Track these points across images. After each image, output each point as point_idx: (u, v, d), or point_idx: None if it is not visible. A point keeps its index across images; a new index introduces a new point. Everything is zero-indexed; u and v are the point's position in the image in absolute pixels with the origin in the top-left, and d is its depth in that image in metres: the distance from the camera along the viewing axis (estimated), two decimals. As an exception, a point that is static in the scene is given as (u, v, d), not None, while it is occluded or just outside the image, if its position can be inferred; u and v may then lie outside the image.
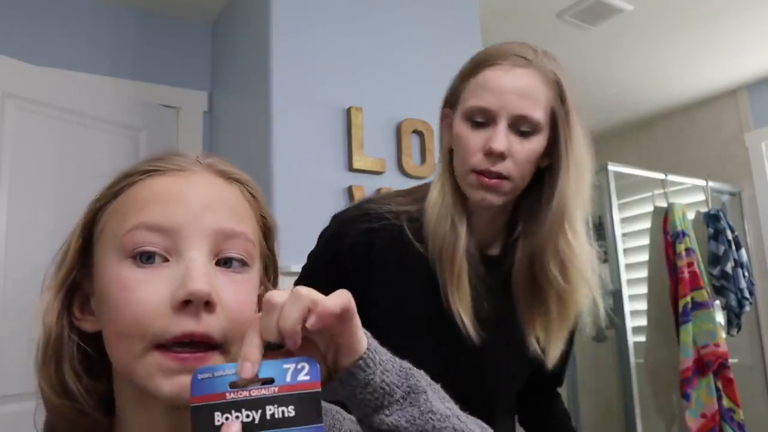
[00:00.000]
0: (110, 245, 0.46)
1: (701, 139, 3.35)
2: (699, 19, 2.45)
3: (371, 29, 1.89)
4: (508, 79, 0.79)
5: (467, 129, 0.81)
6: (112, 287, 0.44)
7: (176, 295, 0.42)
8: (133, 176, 0.48)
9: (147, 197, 0.46)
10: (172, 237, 0.44)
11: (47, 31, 2.03)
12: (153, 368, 0.42)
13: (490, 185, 0.80)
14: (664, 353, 2.39)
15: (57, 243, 1.88)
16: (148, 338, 0.42)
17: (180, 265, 0.44)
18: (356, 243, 0.85)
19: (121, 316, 0.43)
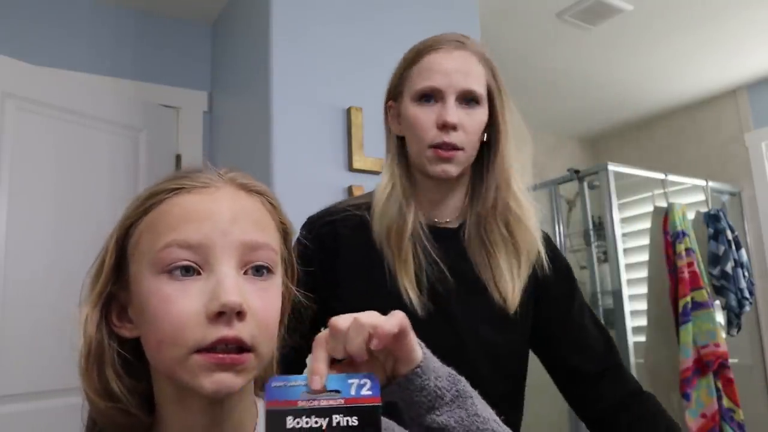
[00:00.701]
0: (145, 260, 0.49)
1: (701, 139, 3.36)
2: (699, 19, 2.45)
3: (371, 29, 1.89)
4: (451, 60, 0.88)
5: (418, 109, 0.88)
6: (151, 300, 0.48)
7: (211, 307, 0.46)
8: (161, 194, 0.51)
9: (177, 215, 0.49)
10: (203, 252, 0.48)
11: (47, 31, 2.03)
12: (195, 369, 0.47)
13: (448, 156, 0.86)
14: (664, 353, 2.39)
15: (57, 243, 1.88)
16: (189, 345, 0.46)
17: (212, 278, 0.48)
18: (321, 234, 0.90)
19: (161, 326, 0.47)
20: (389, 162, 0.94)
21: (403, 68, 0.93)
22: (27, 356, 1.70)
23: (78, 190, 1.89)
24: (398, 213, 0.88)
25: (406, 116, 0.90)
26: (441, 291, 0.86)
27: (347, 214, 0.91)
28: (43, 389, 1.72)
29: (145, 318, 0.49)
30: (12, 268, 1.70)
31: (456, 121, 0.86)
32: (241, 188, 0.54)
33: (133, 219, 0.52)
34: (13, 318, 1.68)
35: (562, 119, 3.57)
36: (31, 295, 1.73)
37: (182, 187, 0.51)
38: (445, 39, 0.91)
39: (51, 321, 1.76)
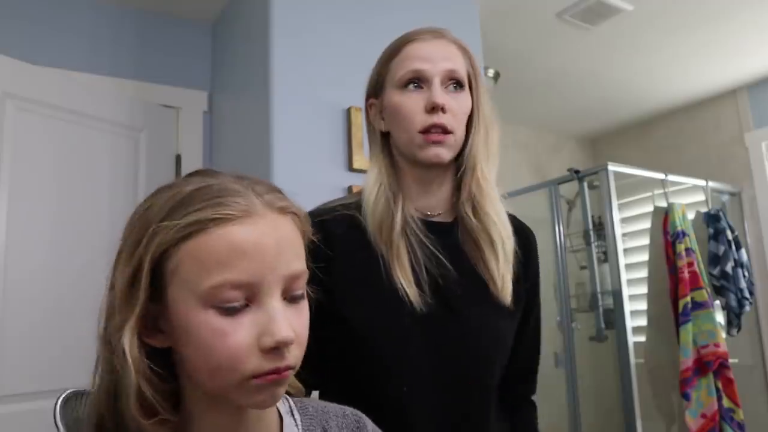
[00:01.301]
0: (189, 291, 0.50)
1: (701, 139, 3.36)
2: (699, 19, 2.45)
3: (371, 29, 1.89)
4: (431, 47, 0.89)
5: (404, 96, 0.87)
6: (201, 332, 0.49)
7: (266, 342, 0.49)
8: (204, 222, 0.50)
9: (227, 251, 0.49)
10: (253, 288, 0.50)
11: (47, 31, 2.03)
12: (252, 391, 0.50)
13: (439, 140, 0.85)
14: (664, 353, 2.39)
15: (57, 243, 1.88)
16: (245, 374, 0.49)
17: (261, 312, 0.50)
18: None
19: (216, 358, 0.49)
20: (375, 159, 0.94)
21: (382, 63, 0.93)
22: (27, 356, 1.70)
23: (78, 190, 1.89)
24: (386, 208, 0.87)
25: (390, 107, 0.89)
26: (444, 284, 0.85)
27: (338, 214, 0.90)
28: (43, 389, 1.72)
29: (191, 346, 0.51)
30: (12, 268, 1.70)
31: (444, 103, 0.85)
32: (279, 212, 0.54)
33: (172, 243, 0.50)
34: (13, 318, 1.68)
35: (562, 119, 3.57)
36: (31, 295, 1.73)
37: (226, 218, 0.50)
38: (422, 30, 0.92)
39: (51, 321, 1.76)
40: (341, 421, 0.65)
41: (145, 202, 0.55)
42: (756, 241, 3.05)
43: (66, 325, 1.78)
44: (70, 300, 1.81)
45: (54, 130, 1.85)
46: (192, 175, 0.57)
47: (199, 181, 0.53)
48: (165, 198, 0.52)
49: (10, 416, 1.64)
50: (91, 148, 1.94)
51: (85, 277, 1.86)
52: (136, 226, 0.53)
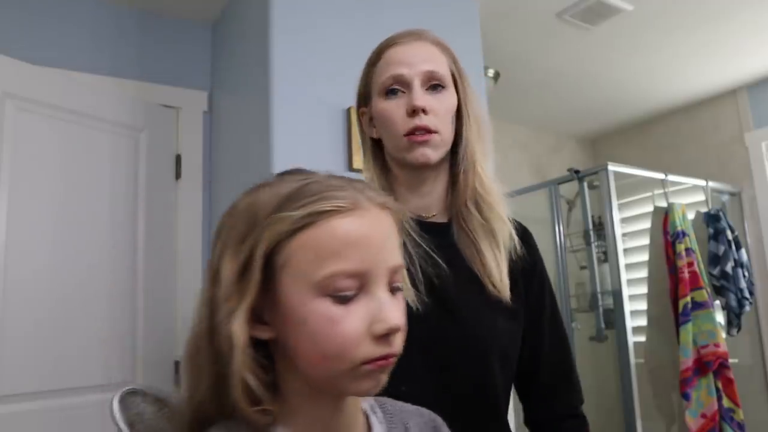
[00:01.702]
0: (303, 281, 0.52)
1: (701, 139, 3.36)
2: (699, 19, 2.45)
3: (371, 29, 1.89)
4: (410, 49, 0.89)
5: (387, 102, 0.89)
6: (315, 320, 0.52)
7: (378, 329, 0.52)
8: (315, 215, 0.52)
9: (339, 242, 0.52)
10: (363, 278, 0.52)
11: (47, 30, 2.03)
12: (360, 377, 0.52)
13: (422, 140, 0.86)
14: (664, 353, 2.39)
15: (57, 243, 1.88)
16: (356, 361, 0.51)
17: (371, 301, 0.52)
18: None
19: (328, 345, 0.51)
20: (366, 166, 0.95)
21: (366, 71, 0.94)
22: (27, 356, 1.70)
23: (78, 189, 1.89)
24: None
25: (377, 114, 0.90)
26: (439, 284, 0.85)
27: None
28: (43, 389, 1.72)
29: (304, 333, 0.52)
30: (12, 268, 1.70)
31: (424, 105, 0.86)
32: (381, 207, 0.56)
33: (285, 236, 0.53)
34: (14, 317, 1.68)
35: (562, 119, 3.57)
36: (31, 295, 1.73)
37: (337, 210, 0.53)
38: (401, 34, 0.92)
39: (51, 321, 1.76)
40: (419, 420, 0.66)
41: (245, 197, 0.57)
42: (756, 241, 3.05)
43: (66, 324, 1.78)
44: (70, 300, 1.81)
45: (54, 130, 1.85)
46: (287, 173, 0.60)
47: (300, 178, 0.56)
48: (270, 193, 0.54)
49: (10, 416, 1.64)
50: (91, 148, 1.94)
51: (86, 276, 1.86)
52: (241, 220, 0.55)
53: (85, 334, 1.82)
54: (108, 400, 0.65)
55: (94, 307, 1.86)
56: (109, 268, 1.92)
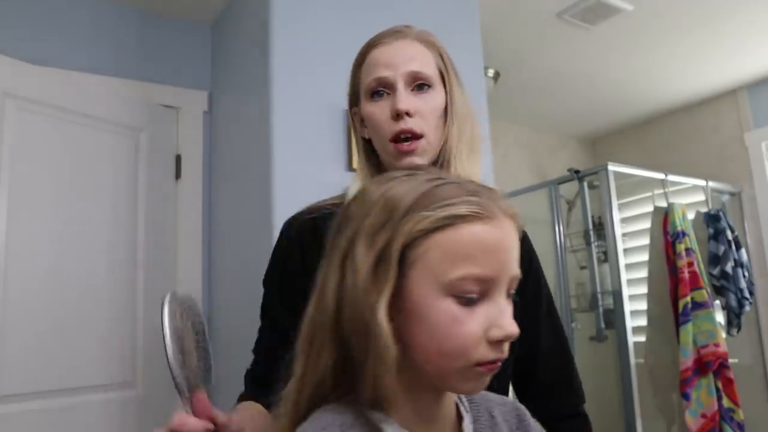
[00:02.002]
0: (433, 279, 0.54)
1: (701, 139, 3.36)
2: (699, 19, 2.45)
3: (372, 29, 1.88)
4: (394, 49, 0.88)
5: (373, 105, 0.87)
6: (439, 317, 0.54)
7: (495, 334, 0.54)
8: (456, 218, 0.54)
9: (474, 247, 0.54)
10: (489, 284, 0.54)
11: (47, 30, 2.03)
12: (469, 377, 0.55)
13: (409, 149, 0.85)
14: (664, 353, 2.39)
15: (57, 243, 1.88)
16: (470, 361, 0.54)
17: (492, 306, 0.54)
18: (303, 227, 0.90)
19: (447, 343, 0.54)
20: (360, 166, 0.94)
21: (354, 71, 0.93)
22: (27, 356, 1.70)
23: (78, 190, 1.89)
24: None
25: (365, 117, 0.90)
26: None
27: (327, 212, 0.88)
28: (43, 389, 1.72)
29: (426, 328, 0.55)
30: (12, 268, 1.70)
31: (407, 107, 0.84)
32: (510, 218, 0.57)
33: (423, 233, 0.54)
34: (14, 318, 1.68)
35: (562, 119, 3.57)
36: (31, 295, 1.73)
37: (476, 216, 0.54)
38: (385, 33, 0.91)
39: (51, 321, 1.76)
40: (503, 409, 0.68)
41: (376, 187, 0.58)
42: (756, 241, 3.05)
43: (66, 324, 1.78)
44: (70, 299, 1.81)
45: (54, 130, 1.85)
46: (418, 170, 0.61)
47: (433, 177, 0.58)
48: (407, 189, 0.56)
49: (10, 416, 1.64)
50: (91, 148, 1.94)
51: (86, 276, 1.86)
52: (376, 211, 0.56)
53: (85, 334, 1.82)
54: (108, 400, 0.66)
55: (94, 307, 1.86)
56: (109, 268, 1.92)
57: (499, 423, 0.65)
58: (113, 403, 1.84)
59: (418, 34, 0.91)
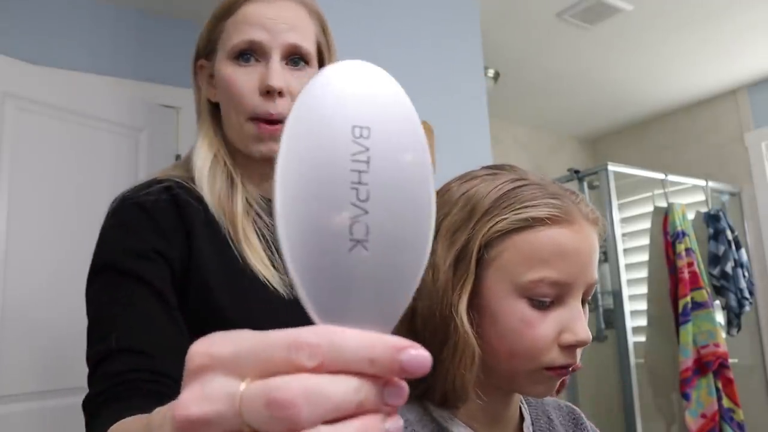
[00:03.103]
0: (508, 279, 0.54)
1: (701, 139, 3.36)
2: (699, 19, 2.45)
3: (371, 29, 1.89)
4: (274, 9, 0.74)
5: (235, 69, 0.74)
6: (511, 318, 0.54)
7: (567, 339, 0.53)
8: (536, 220, 0.54)
9: (551, 251, 0.53)
10: (564, 288, 0.54)
11: (47, 30, 2.03)
12: (538, 380, 0.55)
13: (272, 131, 0.73)
14: (664, 353, 2.39)
15: (57, 243, 1.86)
16: (540, 364, 0.54)
17: (566, 311, 0.54)
18: (160, 200, 0.72)
19: (520, 344, 0.54)
20: (204, 129, 0.79)
21: (216, 19, 0.78)
22: (27, 356, 1.70)
23: (78, 190, 1.89)
24: (227, 189, 0.75)
25: (220, 79, 0.75)
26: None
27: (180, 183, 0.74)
28: (43, 389, 1.72)
29: (498, 328, 0.55)
30: (12, 268, 1.70)
31: (282, 86, 0.72)
32: (592, 223, 0.57)
33: (501, 233, 0.54)
34: (14, 318, 1.68)
35: (562, 119, 3.57)
36: (31, 295, 1.73)
37: (556, 219, 0.54)
38: None
39: (51, 321, 1.76)
40: (559, 413, 0.68)
41: (459, 185, 0.58)
42: (756, 241, 3.05)
43: (66, 324, 1.78)
44: (70, 299, 1.81)
45: (54, 130, 1.85)
46: (500, 168, 0.60)
47: (516, 177, 0.57)
48: (488, 188, 0.56)
49: (10, 416, 1.64)
50: (91, 148, 1.94)
51: (85, 276, 1.86)
52: (457, 208, 0.56)
53: (85, 334, 1.82)
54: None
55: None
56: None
57: (556, 426, 0.65)
58: (113, 403, 1.84)
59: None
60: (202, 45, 0.81)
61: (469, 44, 2.10)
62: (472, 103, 2.05)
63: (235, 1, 0.76)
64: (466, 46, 2.08)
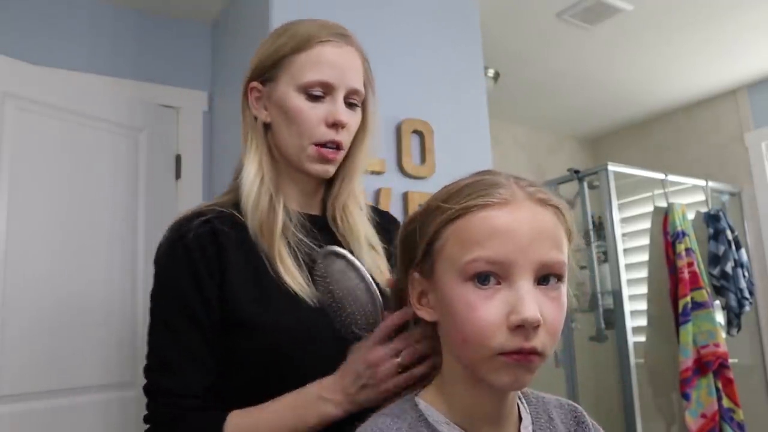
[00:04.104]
0: (450, 266, 0.56)
1: (701, 139, 3.36)
2: (699, 19, 2.45)
3: (371, 29, 1.89)
4: (341, 56, 0.87)
5: (305, 102, 0.85)
6: (456, 304, 0.55)
7: (512, 320, 0.52)
8: (469, 207, 0.56)
9: (484, 232, 0.55)
10: (505, 268, 0.54)
11: (47, 30, 2.03)
12: (497, 367, 0.54)
13: (332, 157, 0.86)
14: (664, 353, 2.39)
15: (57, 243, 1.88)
16: (492, 349, 0.53)
17: (512, 291, 0.53)
18: (200, 234, 0.82)
19: (467, 329, 0.54)
20: (255, 150, 0.91)
21: (282, 53, 0.88)
22: (27, 356, 1.70)
23: (78, 190, 1.89)
24: (269, 206, 0.86)
25: (285, 106, 0.86)
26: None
27: (218, 213, 0.85)
28: (43, 389, 1.72)
29: (449, 317, 0.57)
30: (12, 268, 1.70)
31: (348, 120, 0.86)
32: (539, 203, 0.57)
33: (442, 225, 0.57)
34: (14, 317, 1.68)
35: (562, 119, 3.57)
36: (31, 295, 1.73)
37: (488, 204, 0.55)
38: (331, 31, 0.89)
39: (51, 320, 1.76)
40: (560, 411, 0.68)
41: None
42: (756, 241, 3.05)
43: (66, 324, 1.78)
44: (70, 299, 1.81)
45: (54, 130, 1.85)
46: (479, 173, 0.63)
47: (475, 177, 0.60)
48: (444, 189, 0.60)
49: (10, 416, 1.64)
50: (91, 148, 1.94)
51: (86, 276, 1.86)
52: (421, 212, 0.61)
53: (85, 334, 1.82)
54: (108, 400, 0.65)
55: (95, 307, 1.86)
56: (108, 268, 1.91)
57: (557, 425, 0.65)
58: (113, 403, 1.84)
59: (358, 45, 0.91)
60: (259, 70, 0.91)
61: (469, 44, 2.10)
62: (472, 103, 2.05)
63: (307, 40, 0.87)
64: (466, 46, 2.08)
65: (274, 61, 0.89)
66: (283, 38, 0.89)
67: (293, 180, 0.91)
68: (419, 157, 1.87)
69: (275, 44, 0.89)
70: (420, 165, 1.85)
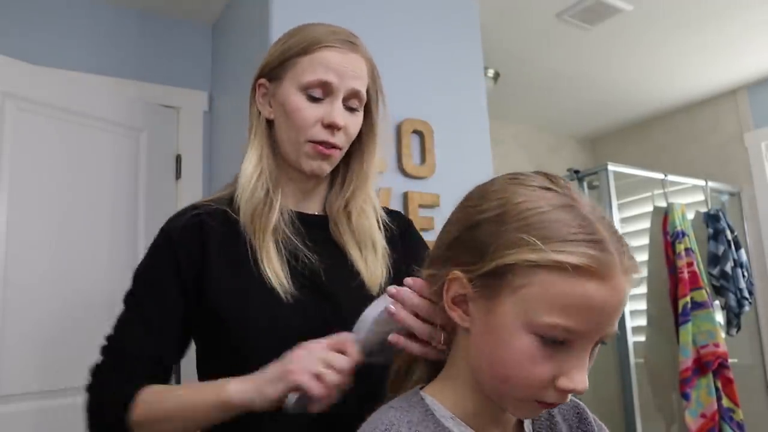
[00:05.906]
0: (521, 311, 0.52)
1: (701, 139, 3.36)
2: (699, 19, 2.45)
3: (371, 29, 1.89)
4: (345, 60, 0.89)
5: (304, 102, 0.88)
6: (515, 351, 0.53)
7: (563, 385, 0.53)
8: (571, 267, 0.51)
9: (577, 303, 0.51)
10: (579, 335, 0.53)
11: (47, 31, 2.03)
12: (526, 408, 0.57)
13: (327, 154, 0.88)
14: (664, 353, 2.39)
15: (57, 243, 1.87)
16: (532, 399, 0.54)
17: (571, 357, 0.53)
18: (186, 225, 0.88)
19: (517, 375, 0.54)
20: (257, 144, 0.93)
21: (289, 54, 0.90)
22: (27, 356, 1.70)
23: (78, 190, 1.89)
24: (265, 197, 0.88)
25: (286, 104, 0.89)
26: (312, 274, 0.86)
27: (209, 208, 0.90)
28: (43, 389, 1.72)
29: (497, 351, 0.55)
30: (12, 268, 1.70)
31: (343, 124, 0.87)
32: (627, 276, 0.54)
33: (530, 266, 0.52)
34: (14, 317, 1.68)
35: (562, 119, 3.57)
36: (31, 295, 1.73)
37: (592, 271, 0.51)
38: (338, 37, 0.91)
39: (51, 320, 1.76)
40: (562, 408, 0.68)
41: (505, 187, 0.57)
42: (756, 241, 3.05)
43: (67, 324, 1.78)
44: (70, 299, 1.81)
45: (54, 130, 1.85)
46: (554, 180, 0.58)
47: (568, 199, 0.54)
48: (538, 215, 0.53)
49: (10, 416, 1.64)
50: (91, 148, 1.94)
51: (86, 276, 1.86)
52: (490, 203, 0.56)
53: (86, 334, 1.82)
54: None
55: (95, 307, 1.86)
56: (108, 268, 1.92)
57: (558, 422, 0.66)
58: (113, 403, 1.84)
59: (364, 51, 0.93)
60: (267, 68, 0.94)
61: (469, 44, 2.10)
62: (472, 103, 2.05)
63: (312, 43, 0.89)
64: (466, 46, 2.08)
65: (282, 60, 0.91)
66: (293, 40, 0.92)
67: (291, 178, 0.93)
68: (419, 157, 1.87)
69: (285, 44, 0.92)
70: (420, 165, 1.85)
